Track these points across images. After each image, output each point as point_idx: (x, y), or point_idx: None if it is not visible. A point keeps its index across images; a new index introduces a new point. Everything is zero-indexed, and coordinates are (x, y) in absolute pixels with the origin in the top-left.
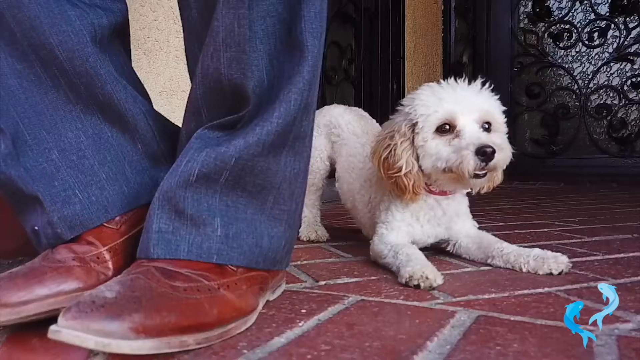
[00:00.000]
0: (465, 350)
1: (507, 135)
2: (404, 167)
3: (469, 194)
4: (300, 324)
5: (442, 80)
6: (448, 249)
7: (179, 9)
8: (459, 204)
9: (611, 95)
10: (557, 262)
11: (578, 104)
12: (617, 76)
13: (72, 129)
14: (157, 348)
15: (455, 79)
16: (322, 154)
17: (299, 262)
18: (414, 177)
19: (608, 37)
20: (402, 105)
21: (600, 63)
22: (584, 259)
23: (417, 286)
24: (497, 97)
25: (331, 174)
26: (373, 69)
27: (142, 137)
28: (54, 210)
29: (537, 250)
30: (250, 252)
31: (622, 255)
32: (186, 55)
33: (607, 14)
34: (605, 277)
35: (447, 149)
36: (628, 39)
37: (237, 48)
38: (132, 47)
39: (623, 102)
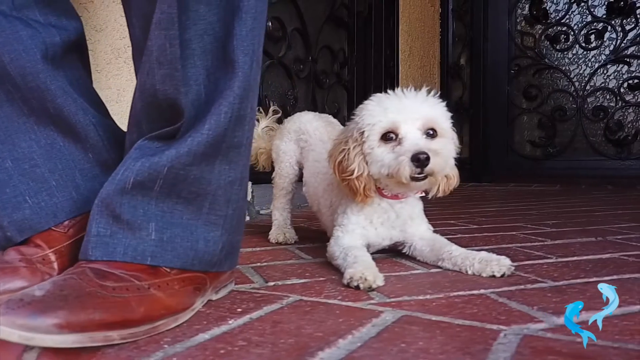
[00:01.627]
0: (372, 347)
1: (453, 141)
2: (355, 171)
3: (424, 198)
4: (230, 322)
5: (390, 91)
6: (404, 251)
7: (127, 27)
8: (413, 207)
9: (608, 97)
10: (500, 264)
11: (575, 106)
12: (614, 78)
13: (26, 140)
14: (80, 342)
15: (403, 89)
16: (292, 159)
17: (258, 264)
18: (364, 180)
19: (605, 39)
20: (354, 114)
21: (597, 65)
22: (535, 261)
23: (357, 287)
24: (444, 103)
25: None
26: (367, 72)
27: (92, 146)
28: (4, 215)
29: (483, 254)
30: (185, 254)
31: (575, 258)
32: (135, 69)
33: (604, 16)
34: (546, 280)
35: (390, 155)
36: (625, 41)
37: (169, 66)
38: (113, 56)
39: (620, 105)
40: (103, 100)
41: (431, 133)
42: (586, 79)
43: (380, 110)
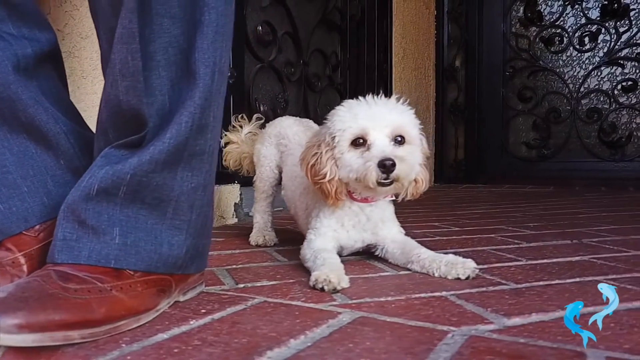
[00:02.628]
0: (320, 347)
1: (421, 147)
2: (327, 174)
3: (394, 201)
4: (191, 322)
5: (361, 97)
6: (376, 253)
7: (97, 39)
8: (383, 210)
9: (602, 99)
10: (464, 267)
11: (569, 108)
12: (608, 80)
13: None
14: (39, 341)
15: (373, 97)
16: (272, 163)
17: (233, 266)
18: (336, 184)
19: (599, 41)
20: (326, 119)
21: (591, 67)
22: (505, 264)
23: (322, 289)
24: (412, 111)
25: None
26: (360, 74)
27: (64, 153)
28: None
29: (450, 256)
30: (149, 257)
31: (544, 260)
32: (104, 79)
33: (598, 19)
34: (509, 282)
35: (359, 160)
36: (618, 43)
37: (132, 78)
38: (98, 62)
39: (614, 106)
40: (89, 106)
41: (399, 140)
42: (580, 81)
43: (351, 116)
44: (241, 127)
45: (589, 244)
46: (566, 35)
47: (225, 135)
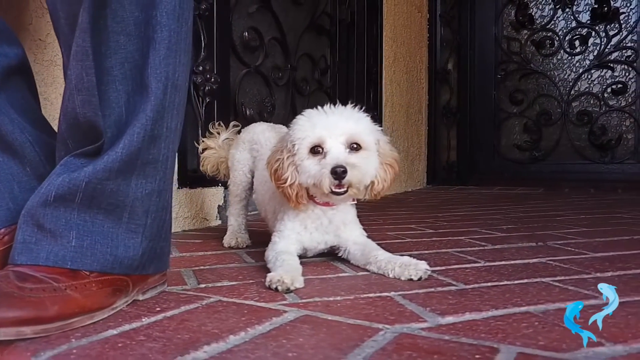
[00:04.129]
0: (255, 342)
1: (378, 153)
2: (289, 179)
3: (356, 204)
4: (143, 320)
5: (319, 107)
6: (340, 254)
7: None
8: (346, 213)
9: (592, 102)
10: (416, 269)
11: (560, 110)
12: (598, 83)
13: None
14: None
15: (330, 106)
16: (245, 168)
17: (200, 267)
18: (296, 189)
19: (589, 44)
20: (289, 127)
21: (581, 70)
22: (462, 265)
23: (276, 289)
24: (368, 118)
25: None
26: (349, 78)
27: (30, 161)
28: None
29: (405, 258)
30: (104, 259)
31: (502, 262)
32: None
33: (588, 22)
34: (458, 283)
35: (316, 167)
36: (608, 47)
37: (87, 92)
38: None
39: (604, 109)
40: None
41: (355, 147)
42: (571, 83)
43: (310, 125)
44: (219, 133)
45: (552, 247)
46: (557, 38)
47: (203, 141)
